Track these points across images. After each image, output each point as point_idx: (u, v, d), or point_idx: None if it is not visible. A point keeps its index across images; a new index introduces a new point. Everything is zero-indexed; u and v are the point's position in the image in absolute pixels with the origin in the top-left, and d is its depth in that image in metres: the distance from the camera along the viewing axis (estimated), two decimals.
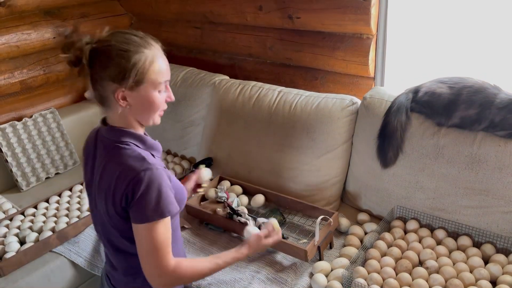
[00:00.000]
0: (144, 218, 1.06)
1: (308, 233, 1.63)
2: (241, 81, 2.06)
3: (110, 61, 1.06)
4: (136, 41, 1.07)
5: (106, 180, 1.11)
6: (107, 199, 1.12)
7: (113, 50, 1.06)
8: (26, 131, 2.15)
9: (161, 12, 2.52)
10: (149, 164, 1.07)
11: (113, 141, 1.12)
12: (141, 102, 1.10)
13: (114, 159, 1.10)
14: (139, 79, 1.06)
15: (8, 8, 2.18)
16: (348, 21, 1.80)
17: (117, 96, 1.07)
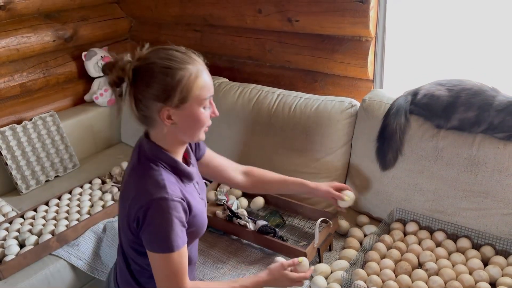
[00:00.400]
0: (155, 248, 1.06)
1: (308, 235, 1.64)
2: (240, 84, 2.06)
3: (153, 79, 1.03)
4: (179, 57, 1.05)
5: (126, 192, 1.12)
6: (123, 210, 1.13)
7: (156, 67, 1.03)
8: (25, 134, 2.16)
9: (161, 15, 2.53)
10: (167, 193, 1.05)
11: (147, 157, 1.11)
12: (187, 120, 1.08)
13: (139, 175, 1.10)
14: (184, 96, 1.04)
15: (8, 11, 2.18)
16: (347, 24, 1.81)
17: (162, 115, 1.05)
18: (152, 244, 1.07)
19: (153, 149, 1.12)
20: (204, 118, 1.10)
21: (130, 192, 1.10)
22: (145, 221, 1.04)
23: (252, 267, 1.51)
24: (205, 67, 1.09)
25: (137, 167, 1.13)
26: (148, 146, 1.13)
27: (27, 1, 2.24)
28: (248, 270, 1.50)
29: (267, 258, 1.55)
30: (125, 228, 1.14)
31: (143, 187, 1.07)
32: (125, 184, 1.16)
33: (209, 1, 2.25)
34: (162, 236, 1.04)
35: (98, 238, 1.73)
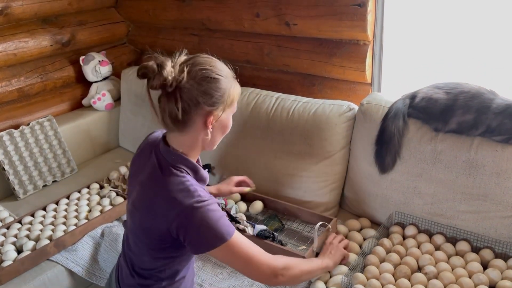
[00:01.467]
0: (208, 247, 1.08)
1: (307, 239, 1.63)
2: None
3: (210, 84, 1.07)
4: (221, 65, 1.12)
5: (152, 202, 1.12)
6: (148, 219, 1.13)
7: (211, 74, 1.07)
8: (23, 139, 2.15)
9: (159, 20, 2.53)
10: (200, 196, 1.07)
11: (169, 164, 1.12)
12: (222, 127, 1.15)
13: (165, 183, 1.10)
14: (230, 103, 1.12)
15: (5, 16, 2.18)
16: (345, 27, 1.81)
17: (208, 121, 1.09)
18: (206, 244, 1.08)
19: (176, 155, 1.13)
20: (230, 126, 1.19)
21: (157, 203, 1.10)
22: (189, 227, 1.06)
23: None
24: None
25: (159, 175, 1.12)
26: (168, 151, 1.14)
27: (24, 6, 2.24)
28: None
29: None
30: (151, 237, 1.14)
31: (172, 196, 1.07)
32: (145, 192, 1.15)
33: (206, 5, 2.25)
34: (211, 234, 1.07)
35: (96, 243, 1.72)
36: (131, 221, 1.23)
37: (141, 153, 1.25)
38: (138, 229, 1.19)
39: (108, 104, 2.51)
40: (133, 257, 1.25)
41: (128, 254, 1.27)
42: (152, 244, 1.16)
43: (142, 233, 1.18)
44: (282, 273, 1.16)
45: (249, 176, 1.90)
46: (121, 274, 1.31)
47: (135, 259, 1.24)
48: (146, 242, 1.17)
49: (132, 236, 1.23)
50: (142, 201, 1.16)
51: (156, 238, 1.13)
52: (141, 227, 1.17)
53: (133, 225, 1.22)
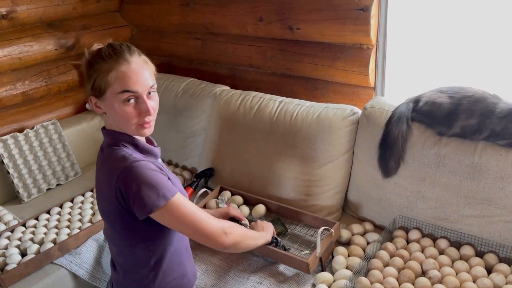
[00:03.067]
0: (152, 206, 1.08)
1: (310, 244, 1.63)
2: (241, 92, 2.07)
3: (87, 70, 1.14)
4: (104, 52, 1.13)
5: (100, 181, 1.18)
6: (102, 200, 1.18)
7: (90, 61, 1.14)
8: (27, 143, 2.16)
9: (162, 24, 2.54)
10: (133, 158, 1.11)
11: (108, 144, 1.18)
12: (110, 112, 1.15)
13: (106, 160, 1.16)
14: (100, 86, 1.11)
15: (10, 20, 2.19)
16: (348, 31, 1.82)
17: (91, 102, 1.15)
18: (147, 204, 1.07)
19: (110, 133, 1.19)
20: (126, 113, 1.12)
21: (102, 180, 1.16)
22: (128, 188, 1.07)
23: (255, 275, 1.51)
24: (134, 64, 1.12)
25: (102, 156, 1.19)
26: (105, 133, 1.20)
27: (29, 10, 2.25)
28: (250, 278, 1.49)
29: (269, 266, 1.54)
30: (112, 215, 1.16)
31: (111, 165, 1.12)
32: (96, 179, 1.21)
33: (210, 9, 2.26)
34: (151, 192, 1.07)
35: (100, 246, 1.72)
36: (104, 223, 1.27)
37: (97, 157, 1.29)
38: (105, 220, 1.23)
39: None
40: (118, 258, 1.26)
41: (114, 259, 1.30)
42: (118, 228, 1.18)
43: (107, 222, 1.22)
44: (229, 231, 1.18)
45: (251, 179, 1.91)
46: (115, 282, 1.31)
47: (120, 259, 1.26)
48: (114, 230, 1.20)
49: (107, 235, 1.27)
50: (97, 188, 1.22)
51: (116, 218, 1.15)
52: (105, 215, 1.20)
53: (104, 225, 1.26)
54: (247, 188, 1.92)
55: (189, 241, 1.36)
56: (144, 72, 1.13)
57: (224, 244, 1.17)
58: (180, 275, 1.28)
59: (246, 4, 2.11)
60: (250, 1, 2.09)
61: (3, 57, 2.17)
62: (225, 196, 1.86)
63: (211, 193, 1.88)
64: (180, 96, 2.24)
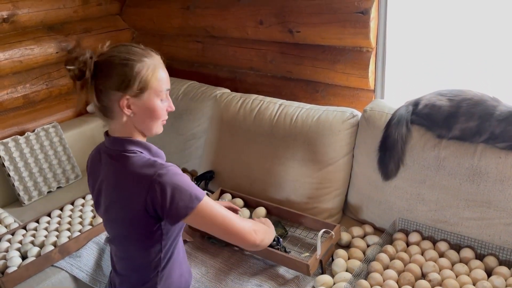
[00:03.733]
0: (187, 210, 1.08)
1: (310, 246, 1.63)
2: (242, 95, 2.07)
3: (113, 70, 1.09)
4: (138, 52, 1.12)
5: (120, 191, 1.13)
6: (123, 208, 1.13)
7: (116, 60, 1.10)
8: (28, 146, 2.16)
9: (163, 27, 2.55)
10: (162, 164, 1.10)
11: (119, 151, 1.14)
12: (145, 110, 1.12)
13: (124, 168, 1.12)
14: (143, 86, 1.10)
15: (11, 23, 2.20)
16: (348, 34, 1.82)
17: (122, 104, 1.10)
18: (183, 208, 1.07)
19: (121, 140, 1.15)
20: (161, 110, 1.15)
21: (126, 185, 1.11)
22: (162, 196, 1.06)
23: (255, 278, 1.51)
24: (162, 63, 1.16)
25: (116, 165, 1.14)
26: (115, 142, 1.16)
27: (30, 13, 2.27)
28: (250, 281, 1.49)
29: (269, 269, 1.54)
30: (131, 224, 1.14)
31: (137, 173, 1.09)
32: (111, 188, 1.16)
33: (210, 12, 2.27)
34: (186, 195, 1.07)
35: (100, 249, 1.73)
36: (110, 229, 1.24)
37: (92, 169, 1.26)
38: (120, 227, 1.19)
39: None
40: (125, 263, 1.25)
41: (118, 264, 1.27)
42: (136, 234, 1.16)
43: (125, 229, 1.18)
44: (256, 228, 1.17)
45: (252, 182, 1.91)
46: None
47: (127, 264, 1.24)
48: (130, 236, 1.17)
49: (118, 241, 1.24)
50: (112, 199, 1.17)
51: (137, 225, 1.13)
52: (122, 223, 1.17)
53: (113, 230, 1.23)
54: (247, 191, 1.92)
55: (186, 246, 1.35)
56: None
57: (255, 241, 1.16)
58: (178, 274, 1.28)
59: (246, 7, 2.12)
60: (250, 4, 2.10)
61: (4, 60, 2.17)
62: (226, 198, 1.86)
63: (211, 196, 1.88)
64: (180, 99, 2.25)
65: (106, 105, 1.12)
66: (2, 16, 2.16)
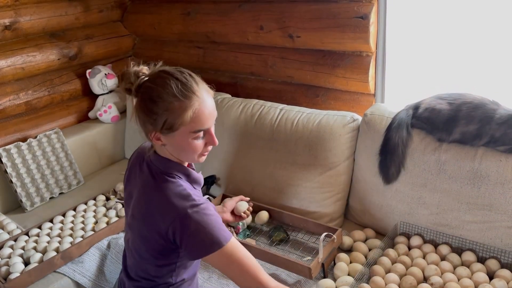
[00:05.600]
0: (205, 252, 1.07)
1: (312, 250, 1.63)
2: (243, 100, 2.08)
3: (144, 102, 1.07)
4: (173, 90, 1.05)
5: (148, 209, 1.13)
6: (146, 226, 1.14)
7: (150, 92, 1.06)
8: (30, 152, 2.17)
9: (164, 33, 2.56)
10: (194, 201, 1.08)
11: (160, 171, 1.14)
12: (176, 145, 1.10)
13: (159, 190, 1.12)
14: (171, 127, 1.06)
15: (14, 31, 2.22)
16: (348, 39, 1.83)
17: (151, 136, 1.10)
18: (202, 249, 1.07)
19: (164, 161, 1.15)
20: (195, 147, 1.10)
21: (154, 207, 1.11)
22: (186, 231, 1.06)
23: None
24: (208, 99, 1.09)
25: (153, 182, 1.14)
26: (158, 159, 1.16)
27: (32, 20, 2.28)
28: None
29: (271, 273, 1.54)
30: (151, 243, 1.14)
31: (168, 202, 1.09)
32: (141, 201, 1.17)
33: (211, 18, 2.28)
34: (208, 238, 1.06)
35: (103, 254, 1.73)
36: (131, 232, 1.24)
37: (132, 167, 1.27)
38: (138, 238, 1.20)
39: (114, 116, 2.53)
40: (136, 268, 1.26)
41: (130, 266, 1.28)
42: (153, 251, 1.17)
43: (142, 242, 1.19)
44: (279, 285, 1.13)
45: (253, 186, 1.91)
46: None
47: (139, 269, 1.25)
48: (147, 251, 1.18)
49: (133, 247, 1.24)
50: (139, 210, 1.17)
51: (156, 245, 1.14)
52: (141, 236, 1.18)
53: (133, 236, 1.23)
54: (249, 195, 1.91)
55: None
56: (212, 104, 1.10)
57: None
58: None
59: (246, 13, 2.13)
60: (250, 10, 2.12)
61: (6, 67, 2.19)
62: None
63: (213, 200, 1.89)
64: None
65: (142, 129, 1.12)
66: (4, 23, 2.17)
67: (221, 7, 2.22)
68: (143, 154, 1.23)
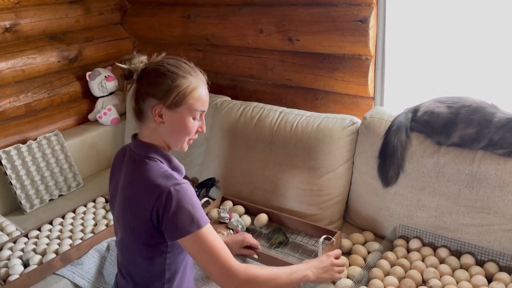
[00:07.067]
0: (183, 232, 1.09)
1: (311, 253, 1.64)
2: (242, 102, 2.09)
3: (157, 78, 1.14)
4: (185, 68, 1.17)
5: (132, 194, 1.16)
6: (131, 213, 1.16)
7: (163, 69, 1.15)
8: (30, 154, 2.18)
9: (164, 36, 2.57)
10: (176, 179, 1.12)
11: (141, 156, 1.18)
12: (174, 124, 1.16)
13: (141, 173, 1.15)
14: (179, 100, 1.14)
15: (14, 33, 2.23)
16: (347, 42, 1.84)
17: (154, 111, 1.15)
18: (181, 228, 1.09)
19: (145, 146, 1.19)
20: (191, 128, 1.18)
21: (138, 191, 1.14)
22: (168, 210, 1.08)
23: None
24: (205, 84, 1.21)
25: (134, 168, 1.18)
26: (139, 145, 1.20)
27: (33, 23, 2.29)
28: None
29: None
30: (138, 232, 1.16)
31: (151, 182, 1.12)
32: (125, 190, 1.19)
33: (211, 21, 2.29)
34: (188, 217, 1.08)
35: (102, 256, 1.73)
36: (119, 229, 1.26)
37: (115, 162, 1.30)
38: (126, 231, 1.21)
39: (114, 118, 2.54)
40: (130, 268, 1.26)
41: (124, 266, 1.29)
42: (140, 241, 1.17)
43: (130, 234, 1.20)
44: (243, 285, 1.13)
45: (253, 189, 1.92)
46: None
47: (132, 269, 1.26)
48: (135, 242, 1.19)
49: (124, 245, 1.26)
50: (125, 200, 1.20)
51: (142, 233, 1.15)
52: (129, 227, 1.19)
53: (121, 232, 1.24)
54: (248, 198, 1.93)
55: None
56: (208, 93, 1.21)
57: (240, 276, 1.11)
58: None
59: (246, 16, 2.14)
60: (250, 13, 2.12)
61: (6, 69, 2.19)
62: (227, 205, 1.87)
63: (213, 203, 1.89)
64: None
65: (142, 108, 1.17)
66: (4, 25, 2.18)
67: (221, 10, 2.23)
68: (124, 150, 1.28)
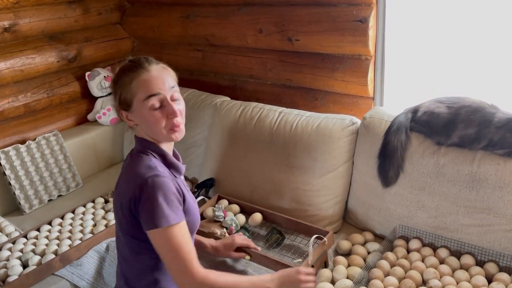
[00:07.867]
0: (152, 224, 1.09)
1: (304, 252, 1.63)
2: (242, 102, 2.08)
3: (113, 88, 1.21)
4: (127, 67, 1.18)
5: (121, 185, 1.20)
6: (119, 204, 1.18)
7: (114, 79, 1.20)
8: (29, 154, 2.17)
9: (163, 36, 2.56)
10: (158, 171, 1.13)
11: (138, 151, 1.21)
12: (141, 121, 1.18)
13: (130, 166, 1.18)
14: (127, 98, 1.16)
15: (13, 33, 2.22)
16: (347, 43, 1.84)
17: (122, 117, 1.19)
18: (150, 220, 1.09)
19: (141, 141, 1.21)
20: (155, 120, 1.15)
21: (123, 183, 1.18)
22: (141, 198, 1.09)
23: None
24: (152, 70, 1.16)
25: (128, 162, 1.22)
26: (136, 140, 1.23)
27: (32, 23, 2.28)
28: None
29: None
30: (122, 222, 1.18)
31: (135, 172, 1.14)
32: (119, 181, 1.23)
33: (210, 21, 2.29)
34: (158, 210, 1.08)
35: (101, 257, 1.73)
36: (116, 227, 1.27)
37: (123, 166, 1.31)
38: (117, 224, 1.24)
39: (113, 119, 2.53)
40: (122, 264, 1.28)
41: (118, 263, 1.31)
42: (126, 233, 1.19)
43: (119, 225, 1.23)
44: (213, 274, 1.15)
45: (252, 189, 1.91)
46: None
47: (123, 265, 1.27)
48: (124, 234, 1.21)
49: (117, 239, 1.29)
50: (117, 195, 1.22)
51: (127, 224, 1.17)
52: (118, 218, 1.22)
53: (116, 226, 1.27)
54: (248, 198, 1.92)
55: None
56: (164, 76, 1.17)
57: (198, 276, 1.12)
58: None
59: (246, 16, 2.14)
60: (250, 13, 2.12)
61: (5, 69, 2.19)
62: (222, 204, 1.87)
63: (208, 202, 1.89)
64: None
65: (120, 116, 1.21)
66: (3, 25, 2.17)
67: (221, 10, 2.23)
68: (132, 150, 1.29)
